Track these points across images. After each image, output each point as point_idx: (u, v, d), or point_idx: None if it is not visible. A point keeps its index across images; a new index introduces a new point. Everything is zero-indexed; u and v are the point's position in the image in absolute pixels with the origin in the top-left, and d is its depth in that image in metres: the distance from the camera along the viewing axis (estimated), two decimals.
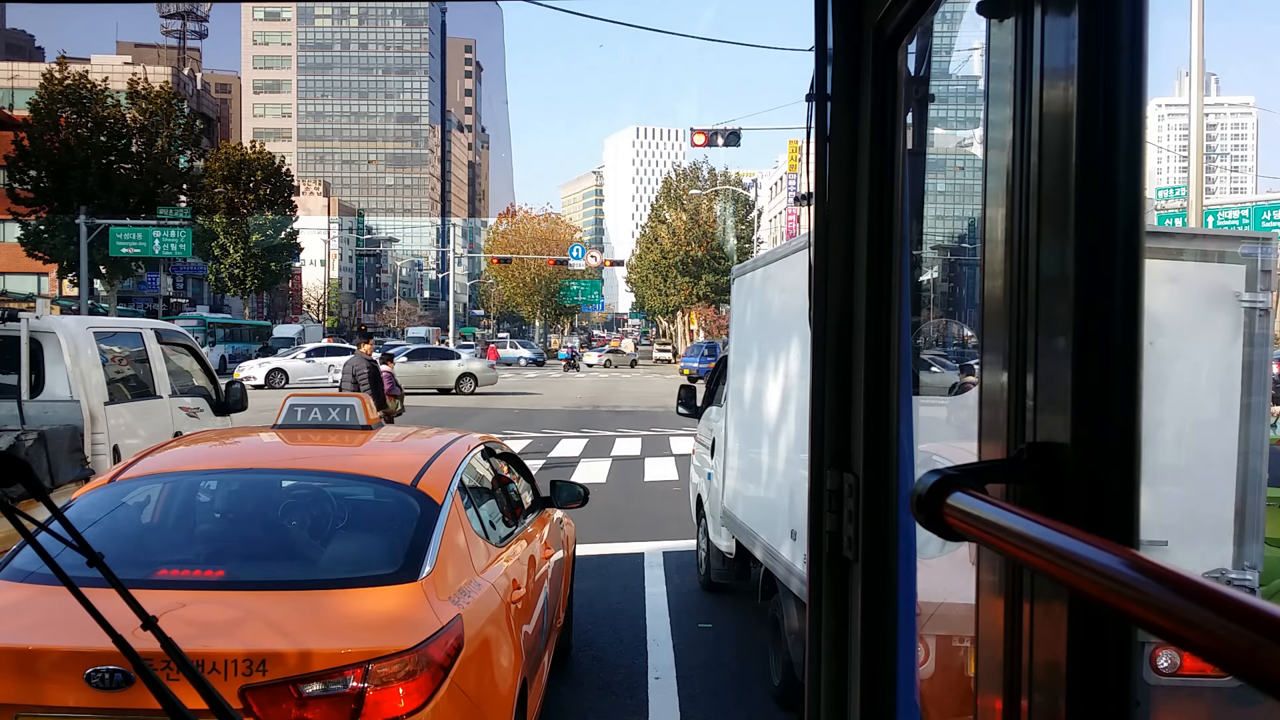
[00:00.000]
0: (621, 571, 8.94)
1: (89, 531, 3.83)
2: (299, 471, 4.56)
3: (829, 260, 1.46)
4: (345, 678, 3.04)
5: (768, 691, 6.02)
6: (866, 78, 1.39)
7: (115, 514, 4.07)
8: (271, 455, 4.77)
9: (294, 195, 59.33)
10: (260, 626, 3.24)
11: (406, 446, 5.03)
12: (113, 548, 3.69)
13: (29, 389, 6.79)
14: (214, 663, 3.00)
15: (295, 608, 3.37)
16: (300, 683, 3.01)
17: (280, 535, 4.09)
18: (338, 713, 3.02)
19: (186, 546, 4.03)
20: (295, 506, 4.24)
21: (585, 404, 30.41)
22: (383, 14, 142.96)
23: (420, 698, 3.11)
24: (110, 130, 40.65)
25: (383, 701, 3.05)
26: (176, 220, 38.41)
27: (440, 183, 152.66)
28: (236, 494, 4.39)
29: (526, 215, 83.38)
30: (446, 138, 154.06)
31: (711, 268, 69.14)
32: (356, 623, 3.29)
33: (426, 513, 3.87)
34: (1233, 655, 0.49)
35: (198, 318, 48.91)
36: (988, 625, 0.96)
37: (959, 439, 4.31)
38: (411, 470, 4.16)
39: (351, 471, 4.51)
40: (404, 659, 3.11)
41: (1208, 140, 42.35)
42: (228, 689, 2.95)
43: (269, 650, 3.05)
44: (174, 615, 3.10)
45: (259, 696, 2.97)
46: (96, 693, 2.93)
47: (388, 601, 3.42)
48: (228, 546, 4.01)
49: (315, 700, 3.02)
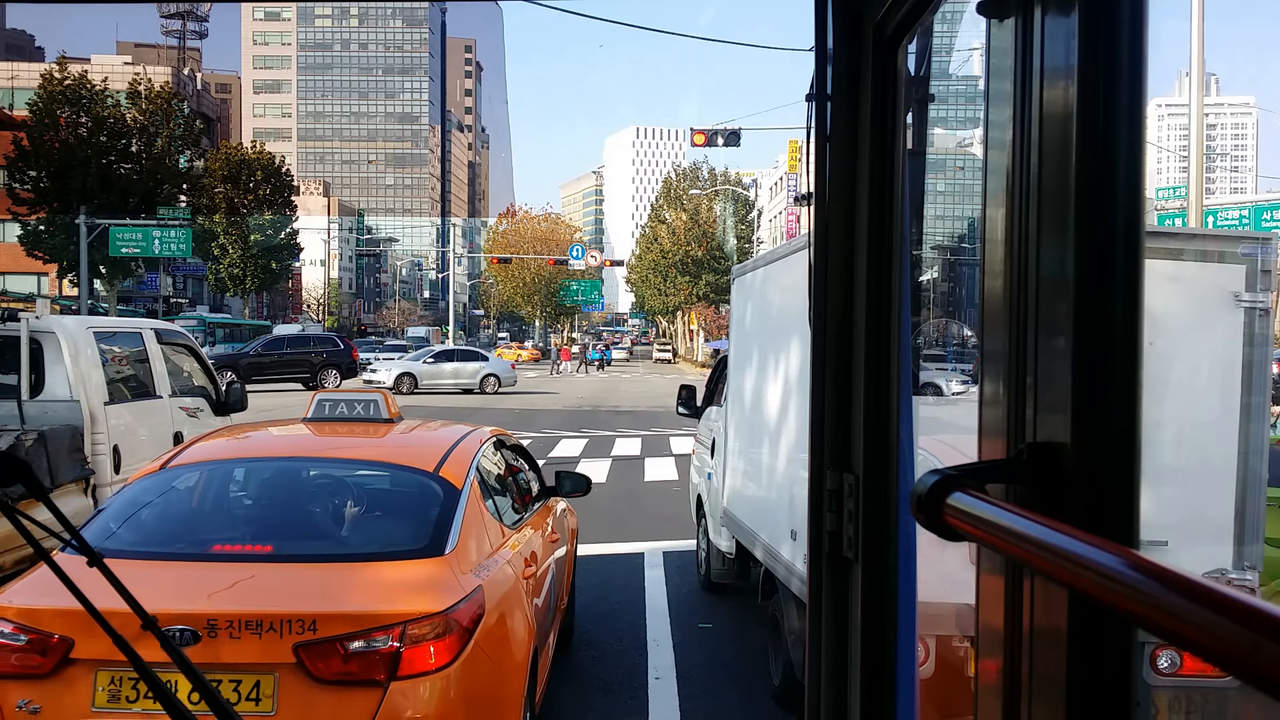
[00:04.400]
0: (621, 571, 8.94)
1: (146, 511, 4.38)
2: (332, 460, 5.00)
3: (829, 260, 1.46)
4: (384, 636, 3.41)
5: (768, 691, 6.02)
6: (866, 78, 1.39)
7: (168, 496, 4.52)
8: (306, 445, 5.20)
9: (294, 195, 59.27)
10: (308, 593, 3.65)
11: (426, 438, 5.39)
12: (170, 526, 4.45)
13: (29, 389, 6.78)
14: (272, 622, 3.37)
15: (337, 577, 3.82)
16: (345, 640, 3.39)
17: (318, 515, 4.48)
18: (378, 666, 3.39)
19: (236, 525, 4.47)
20: (330, 490, 4.65)
21: (585, 404, 30.41)
22: (383, 14, 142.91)
23: (449, 655, 3.48)
24: (110, 130, 40.62)
25: (416, 658, 3.42)
26: (176, 220, 38.38)
27: (440, 183, 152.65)
28: (277, 479, 4.82)
29: (526, 215, 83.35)
30: (446, 138, 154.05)
31: (711, 268, 69.12)
32: (392, 590, 3.67)
33: (448, 497, 4.27)
34: (1233, 655, 0.49)
35: (198, 318, 48.90)
36: (988, 625, 0.96)
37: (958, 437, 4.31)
38: (433, 459, 4.56)
39: (379, 460, 4.95)
40: (434, 621, 3.49)
41: (1208, 140, 42.34)
42: (283, 645, 3.34)
43: (318, 612, 3.43)
44: (238, 584, 3.65)
45: (310, 652, 3.36)
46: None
47: (418, 573, 3.82)
48: (273, 525, 4.42)
49: (358, 655, 3.40)
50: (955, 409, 5.35)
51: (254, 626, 3.37)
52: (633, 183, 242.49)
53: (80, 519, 6.48)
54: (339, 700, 3.38)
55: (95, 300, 39.16)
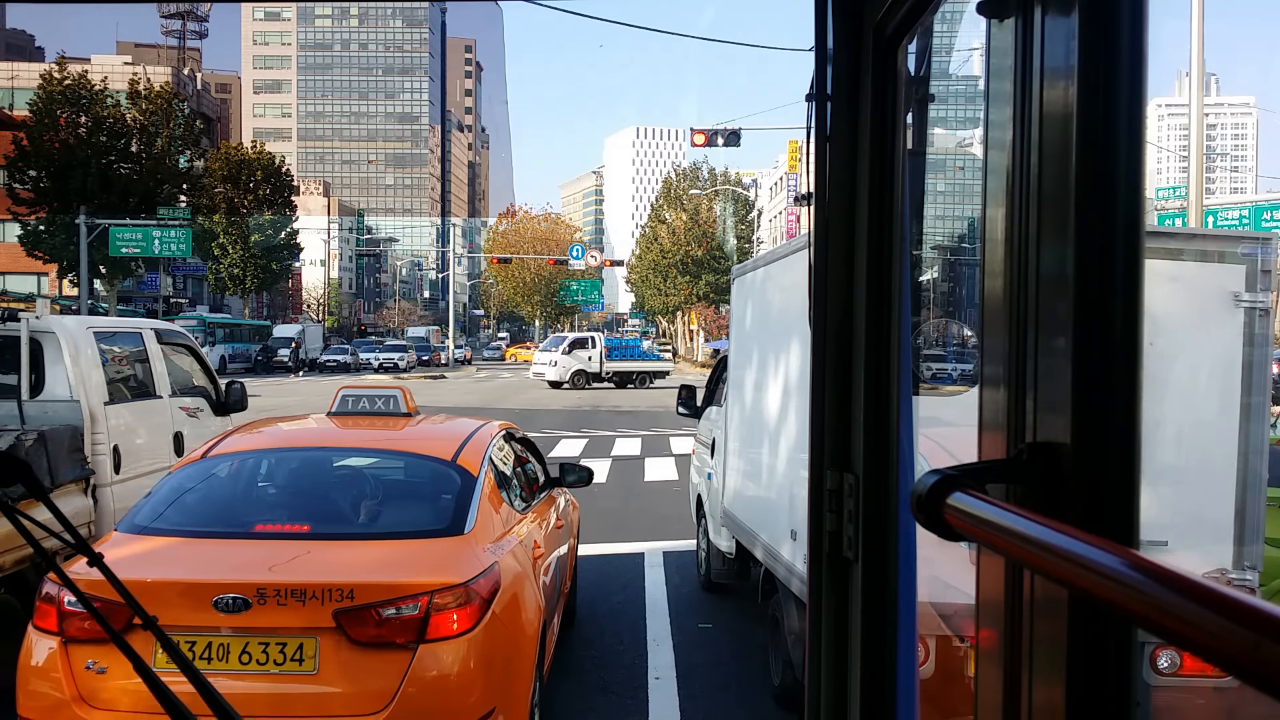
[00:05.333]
0: (621, 571, 8.94)
1: (191, 496, 4.75)
2: (359, 450, 5.40)
3: (829, 260, 1.46)
4: (413, 604, 3.78)
5: (768, 691, 6.02)
6: (866, 78, 1.39)
7: (209, 482, 4.92)
8: (334, 437, 5.56)
9: (294, 195, 59.27)
10: (345, 566, 4.02)
11: (444, 430, 5.75)
12: (215, 508, 4.86)
13: (29, 389, 6.78)
14: (314, 591, 3.74)
15: (369, 553, 4.23)
16: (380, 607, 3.76)
17: (348, 499, 4.87)
18: (408, 631, 3.76)
19: (275, 507, 4.86)
20: (358, 477, 5.10)
21: (585, 404, 30.40)
22: (383, 14, 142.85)
23: (470, 622, 3.86)
24: (110, 130, 40.61)
25: (441, 624, 3.80)
26: (176, 220, 38.38)
27: (440, 183, 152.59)
28: (309, 467, 5.20)
29: (526, 215, 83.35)
30: (446, 138, 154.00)
31: (711, 268, 69.07)
32: (419, 565, 4.06)
33: (466, 483, 4.66)
34: (1233, 655, 0.49)
35: (198, 318, 48.87)
36: (988, 625, 0.96)
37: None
38: (451, 448, 4.96)
39: (402, 450, 5.35)
40: (457, 591, 3.86)
41: (1208, 140, 42.30)
42: (324, 612, 3.71)
43: (355, 583, 3.78)
44: (282, 558, 4.05)
45: (348, 617, 3.72)
46: (222, 615, 3.71)
47: (441, 550, 4.21)
48: (308, 507, 4.79)
49: (390, 621, 3.76)
50: (949, 405, 5.34)
51: (298, 595, 3.74)
52: (633, 183, 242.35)
53: (80, 519, 6.48)
54: (373, 660, 3.74)
55: (95, 300, 39.15)
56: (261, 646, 3.74)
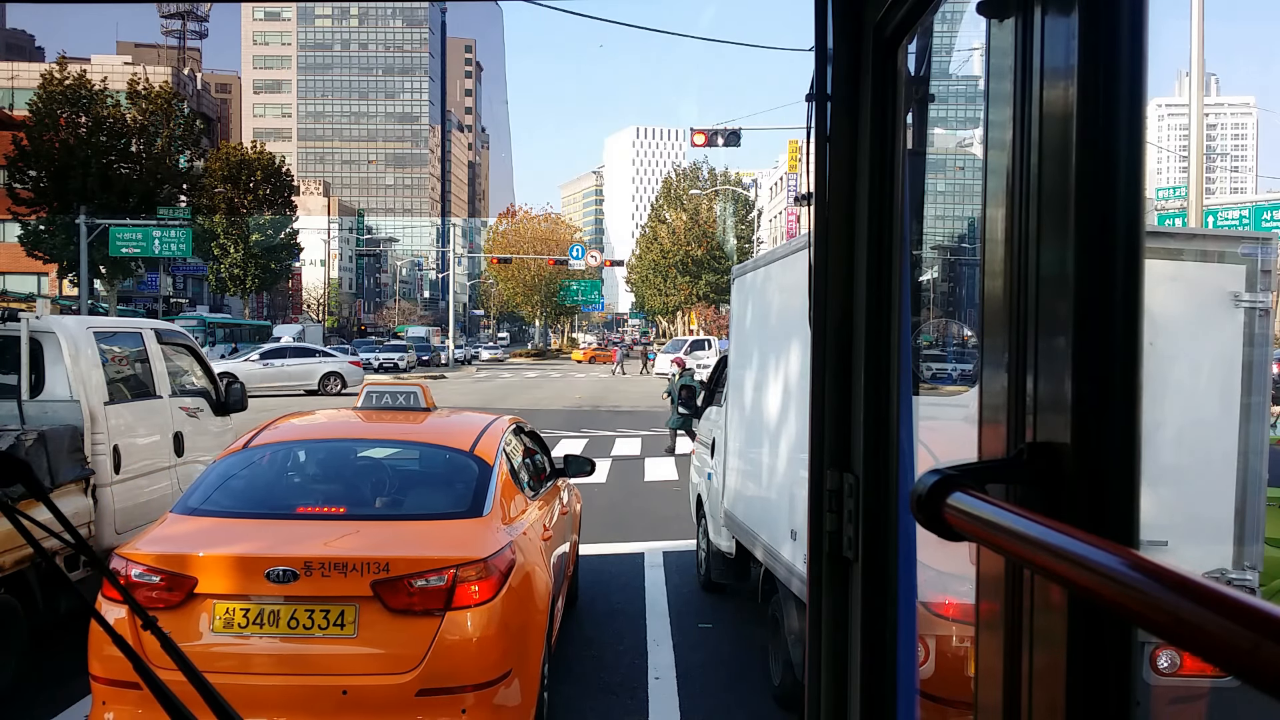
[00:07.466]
0: (621, 571, 8.94)
1: (236, 482, 5.22)
2: (385, 441, 5.93)
3: (829, 260, 1.46)
4: (440, 576, 4.24)
5: (768, 691, 6.02)
6: (866, 78, 1.39)
7: (253, 469, 5.38)
8: (362, 429, 6.07)
9: (294, 195, 59.21)
10: (379, 543, 4.49)
11: (460, 423, 6.26)
12: (259, 493, 5.35)
13: (29, 389, 6.77)
14: (355, 564, 4.19)
15: (400, 532, 4.73)
16: (412, 578, 4.22)
17: (378, 485, 5.38)
18: (436, 599, 4.23)
19: (312, 492, 5.36)
20: (386, 465, 5.60)
21: (585, 404, 30.40)
22: (383, 14, 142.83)
23: (490, 593, 4.32)
24: (110, 130, 40.55)
25: (465, 594, 4.26)
26: (176, 220, 38.31)
27: (440, 183, 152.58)
28: (341, 456, 5.68)
29: (526, 215, 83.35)
30: (446, 138, 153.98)
31: (711, 268, 69.13)
32: (444, 542, 4.52)
33: (483, 470, 5.14)
34: (1233, 655, 0.49)
35: (198, 318, 48.80)
36: (988, 625, 0.96)
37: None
38: (468, 440, 5.45)
39: (424, 441, 5.82)
40: (478, 565, 4.32)
41: (1208, 140, 42.33)
42: (363, 582, 4.17)
43: (389, 557, 4.25)
44: (324, 536, 4.49)
45: (384, 587, 4.19)
46: (274, 585, 4.17)
47: (463, 529, 4.70)
48: (342, 492, 5.28)
49: (421, 591, 4.22)
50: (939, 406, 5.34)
51: (340, 567, 4.20)
52: (633, 183, 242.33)
53: (80, 519, 6.49)
54: (406, 625, 4.21)
55: (95, 300, 39.14)
56: (308, 613, 4.21)
